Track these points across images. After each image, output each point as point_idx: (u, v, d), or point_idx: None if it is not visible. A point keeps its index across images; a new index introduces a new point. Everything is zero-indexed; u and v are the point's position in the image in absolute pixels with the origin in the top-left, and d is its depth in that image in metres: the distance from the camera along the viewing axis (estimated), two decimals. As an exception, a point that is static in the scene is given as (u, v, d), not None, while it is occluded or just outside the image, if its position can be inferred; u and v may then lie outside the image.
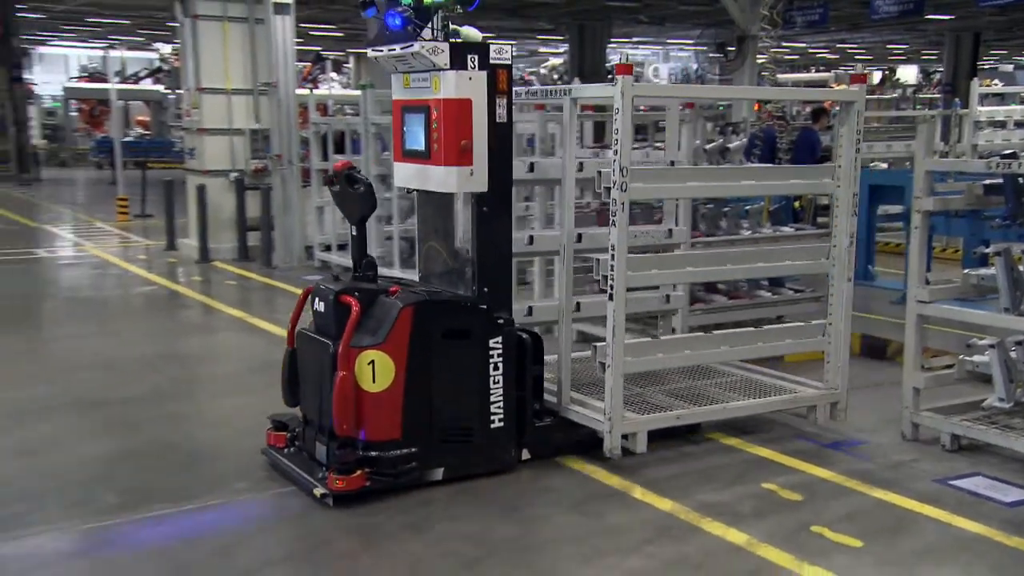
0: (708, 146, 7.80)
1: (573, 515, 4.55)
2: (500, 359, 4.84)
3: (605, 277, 4.91)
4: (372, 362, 4.54)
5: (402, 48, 4.79)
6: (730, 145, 7.89)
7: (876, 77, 33.52)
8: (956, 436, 5.41)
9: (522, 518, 4.56)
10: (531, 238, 5.75)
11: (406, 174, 5.20)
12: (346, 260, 10.71)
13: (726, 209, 7.51)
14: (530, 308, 5.80)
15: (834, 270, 5.64)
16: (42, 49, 43.04)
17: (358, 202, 5.06)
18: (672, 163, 6.33)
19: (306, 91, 14.49)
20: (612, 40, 32.62)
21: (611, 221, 4.84)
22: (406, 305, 4.63)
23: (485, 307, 4.85)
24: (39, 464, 5.15)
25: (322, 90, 23.71)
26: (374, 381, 4.56)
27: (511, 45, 4.91)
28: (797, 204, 10.83)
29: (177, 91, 27.79)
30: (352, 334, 4.55)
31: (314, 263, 11.61)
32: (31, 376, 6.90)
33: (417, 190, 5.23)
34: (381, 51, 4.97)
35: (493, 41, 4.88)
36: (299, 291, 5.48)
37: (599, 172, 5.12)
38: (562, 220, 5.42)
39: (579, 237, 5.46)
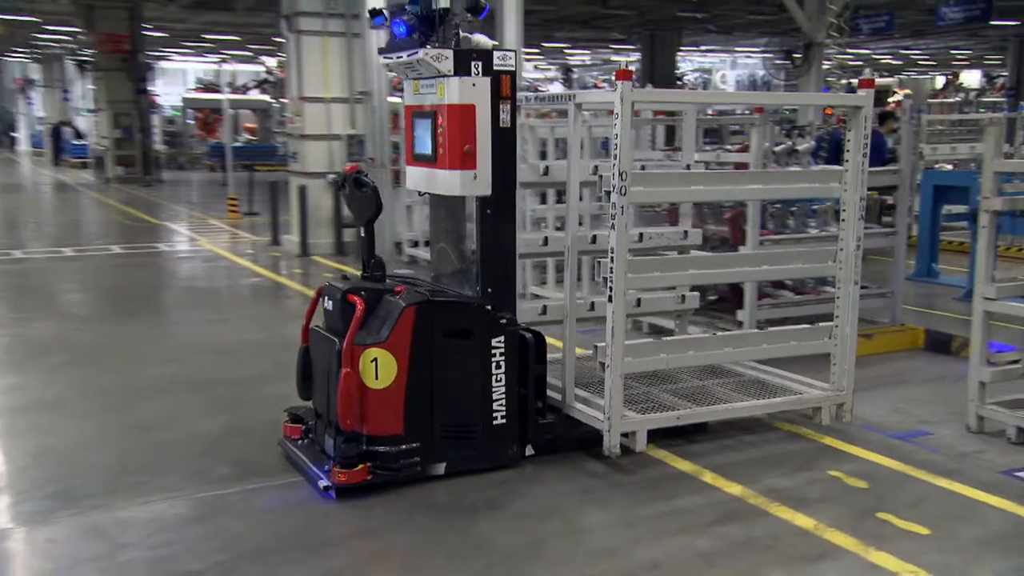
0: (777, 148, 7.59)
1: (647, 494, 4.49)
2: (502, 358, 4.68)
3: (606, 279, 4.72)
4: (375, 360, 4.44)
5: (408, 55, 4.67)
6: (799, 147, 7.66)
7: (940, 82, 32.28)
8: (1021, 429, 5.17)
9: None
10: (545, 239, 5.55)
11: (416, 177, 5.06)
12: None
13: (793, 208, 7.31)
14: (544, 307, 5.50)
15: (841, 273, 5.36)
16: (164, 64, 44.44)
17: (364, 204, 4.96)
18: (688, 167, 5.98)
19: (397, 99, 14.63)
20: (682, 48, 32.19)
21: (610, 224, 4.63)
22: (408, 305, 4.51)
23: (487, 307, 4.71)
24: (160, 437, 5.30)
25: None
26: (377, 378, 4.45)
27: (513, 51, 4.71)
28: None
29: (281, 100, 28.45)
30: (356, 332, 4.47)
31: (403, 258, 11.72)
32: (153, 358, 7.12)
33: (429, 193, 5.09)
34: (391, 58, 4.87)
35: (568, 49, 4.81)
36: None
37: (600, 176, 4.96)
38: (567, 223, 5.21)
39: (594, 239, 5.37)
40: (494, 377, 4.68)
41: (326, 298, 4.89)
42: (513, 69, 4.66)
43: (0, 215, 17.80)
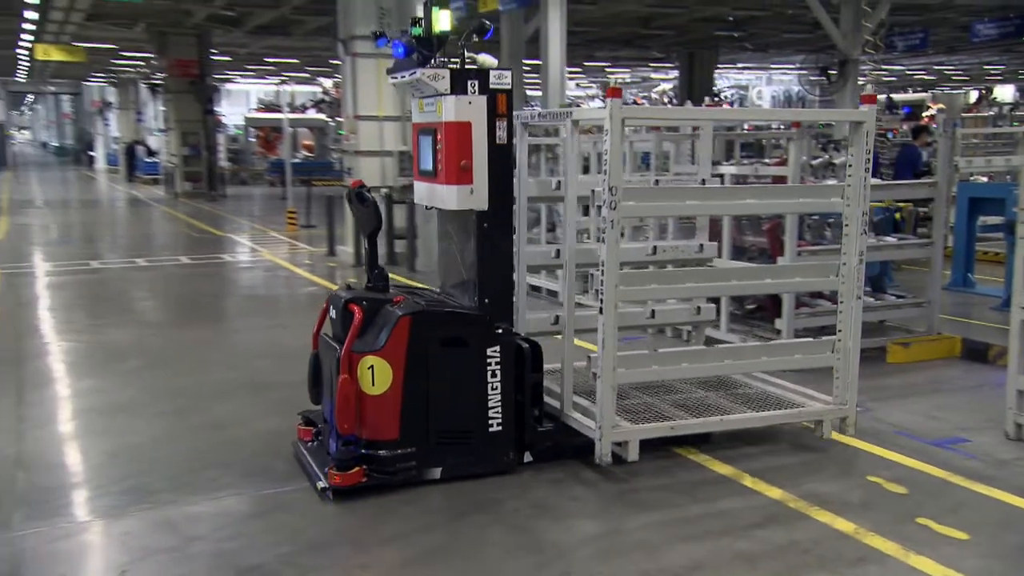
0: (815, 161, 7.49)
1: (686, 499, 4.44)
2: (498, 367, 4.59)
3: (598, 291, 4.58)
4: (372, 367, 4.41)
5: (408, 75, 4.65)
6: (835, 161, 7.54)
7: (973, 96, 31.55)
8: (1061, 437, 5.02)
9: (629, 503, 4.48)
10: (557, 251, 5.36)
11: (421, 192, 5.02)
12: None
13: (830, 220, 7.19)
14: (557, 317, 5.27)
15: (843, 287, 5.08)
16: (228, 86, 45.35)
17: (367, 219, 4.97)
18: (703, 181, 5.78)
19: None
20: (719, 66, 31.94)
21: (599, 238, 4.53)
22: (404, 315, 4.48)
23: (483, 317, 4.62)
24: (226, 436, 5.37)
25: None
26: (373, 384, 4.43)
27: (510, 71, 4.63)
28: (898, 215, 10.32)
29: (337, 119, 28.81)
30: (354, 340, 4.46)
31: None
32: (218, 362, 7.23)
33: (436, 207, 4.99)
34: (396, 78, 4.86)
35: (609, 68, 4.79)
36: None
37: (593, 191, 4.85)
38: (564, 237, 5.14)
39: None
40: (490, 385, 4.61)
41: (331, 307, 4.87)
42: (509, 88, 4.61)
43: (79, 228, 18.27)
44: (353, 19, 12.21)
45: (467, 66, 4.63)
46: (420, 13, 4.81)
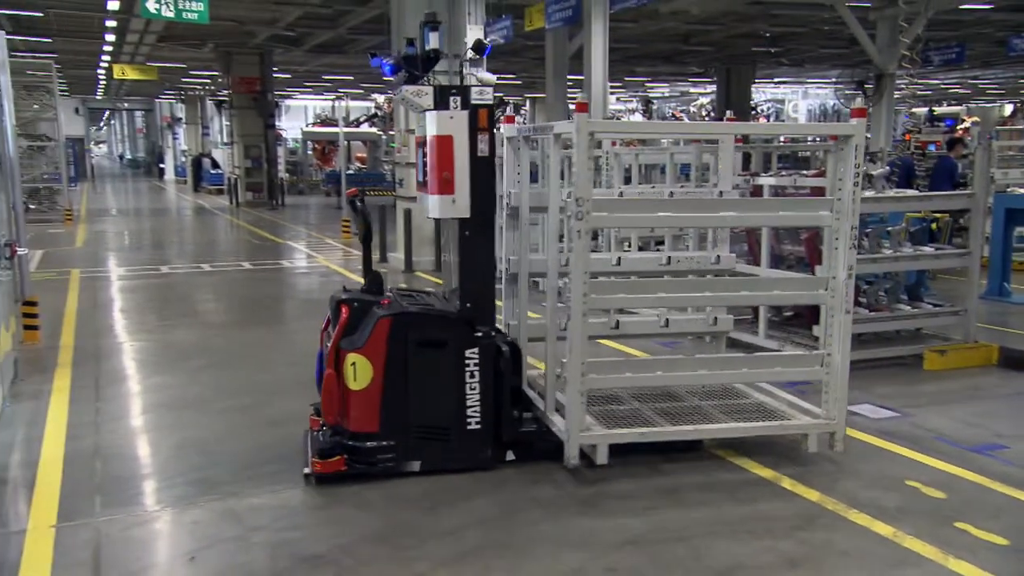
0: (852, 173, 7.32)
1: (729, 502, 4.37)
2: (476, 368, 4.64)
3: (566, 299, 4.54)
4: (354, 364, 4.53)
5: (396, 93, 4.67)
6: (873, 172, 7.39)
7: (1008, 109, 30.73)
8: (1101, 446, 4.84)
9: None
10: (567, 260, 5.19)
11: (419, 202, 5.06)
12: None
13: (868, 230, 7.04)
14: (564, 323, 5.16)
15: (833, 301, 4.82)
16: (288, 101, 46.13)
17: (360, 225, 5.09)
18: (720, 194, 5.45)
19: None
20: (756, 80, 31.57)
21: (568, 247, 4.47)
22: (383, 316, 4.58)
23: (461, 320, 4.67)
24: (286, 432, 5.41)
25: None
26: (355, 380, 4.54)
27: (491, 87, 4.66)
28: (934, 226, 10.09)
29: (389, 132, 29.11)
30: (340, 338, 4.59)
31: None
32: (278, 362, 7.33)
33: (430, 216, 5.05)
34: (391, 95, 4.93)
35: (649, 82, 4.78)
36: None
37: (565, 201, 4.78)
38: (547, 247, 5.09)
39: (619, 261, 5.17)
40: (468, 385, 4.65)
41: (330, 307, 4.97)
42: (490, 103, 4.66)
43: (149, 235, 18.69)
44: (405, 38, 12.33)
45: (465, 83, 4.69)
46: (467, 33, 4.92)
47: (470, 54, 4.93)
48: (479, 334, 4.68)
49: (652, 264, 5.40)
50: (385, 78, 4.95)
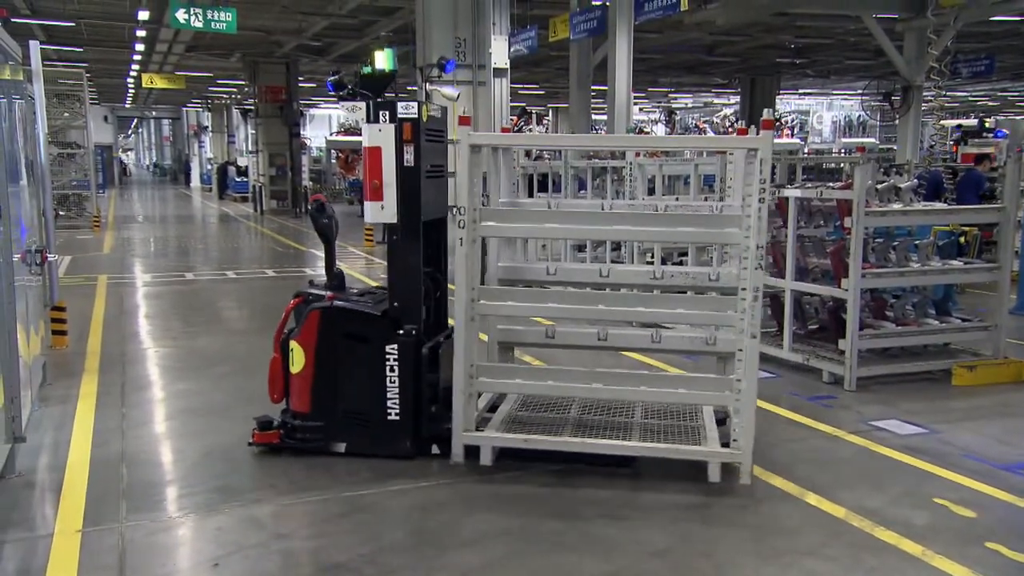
0: (880, 186, 7.27)
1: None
2: (395, 363, 4.90)
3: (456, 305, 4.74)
4: (292, 350, 5.03)
5: (338, 107, 4.95)
6: (901, 185, 7.32)
7: (991, 122, 30.36)
8: None
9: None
10: (547, 269, 5.42)
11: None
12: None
13: (895, 243, 6.98)
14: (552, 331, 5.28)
15: (741, 324, 4.54)
16: (313, 110, 46.53)
17: (328, 228, 5.43)
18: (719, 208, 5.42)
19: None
20: (781, 91, 31.44)
21: (458, 254, 4.69)
22: (314, 309, 5.01)
23: (383, 318, 4.95)
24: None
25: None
26: (294, 365, 5.03)
27: (417, 102, 4.91)
28: (962, 239, 9.97)
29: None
30: (283, 326, 5.15)
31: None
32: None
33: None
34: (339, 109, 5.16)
35: (672, 93, 4.78)
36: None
37: (455, 208, 4.93)
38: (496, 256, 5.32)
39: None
40: (388, 379, 4.92)
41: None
42: (415, 117, 4.87)
43: (175, 242, 18.91)
44: (431, 48, 12.41)
45: (429, 96, 4.93)
46: (492, 44, 5.17)
47: (436, 71, 5.24)
48: (400, 332, 4.93)
49: (644, 277, 5.27)
50: (330, 93, 5.35)
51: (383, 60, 5.15)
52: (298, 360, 5.05)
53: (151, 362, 7.64)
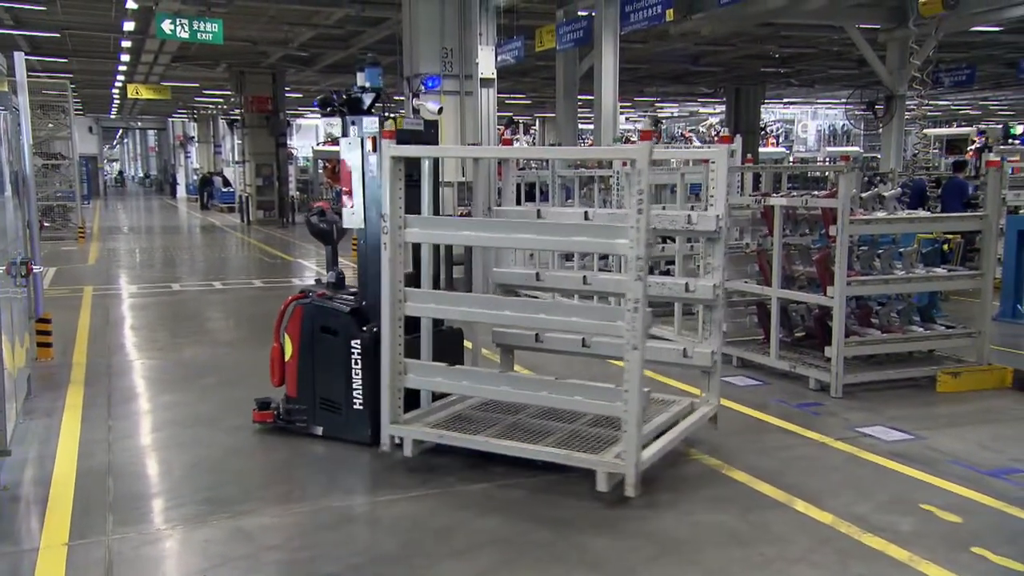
0: (864, 194, 7.34)
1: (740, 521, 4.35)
2: (360, 356, 5.29)
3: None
4: (285, 339, 5.58)
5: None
6: (885, 194, 7.39)
7: (1019, 130, 30.68)
8: (1118, 470, 4.78)
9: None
10: (536, 274, 5.46)
11: None
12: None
13: (880, 251, 7.04)
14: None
15: (628, 335, 4.40)
16: (299, 120, 46.47)
17: (328, 231, 5.92)
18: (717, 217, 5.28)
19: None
20: (765, 100, 31.68)
21: (383, 259, 4.96)
22: (298, 304, 5.55)
23: (351, 316, 5.35)
24: (299, 451, 5.42)
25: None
26: (286, 353, 5.59)
27: (378, 118, 5.32)
28: (946, 247, 10.07)
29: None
30: (283, 317, 5.61)
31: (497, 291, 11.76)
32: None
33: None
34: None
35: (658, 102, 4.80)
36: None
37: (382, 215, 5.15)
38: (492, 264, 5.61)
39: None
40: (353, 371, 5.32)
41: None
42: (375, 133, 5.27)
43: (161, 253, 18.82)
44: (417, 58, 12.44)
45: (415, 111, 5.19)
46: (479, 54, 5.45)
47: (421, 87, 5.57)
48: (364, 328, 5.29)
49: (619, 286, 5.09)
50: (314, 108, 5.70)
51: (361, 79, 5.64)
52: (288, 349, 5.60)
53: (137, 374, 7.60)
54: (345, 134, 5.39)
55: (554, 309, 4.94)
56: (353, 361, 5.30)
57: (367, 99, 5.59)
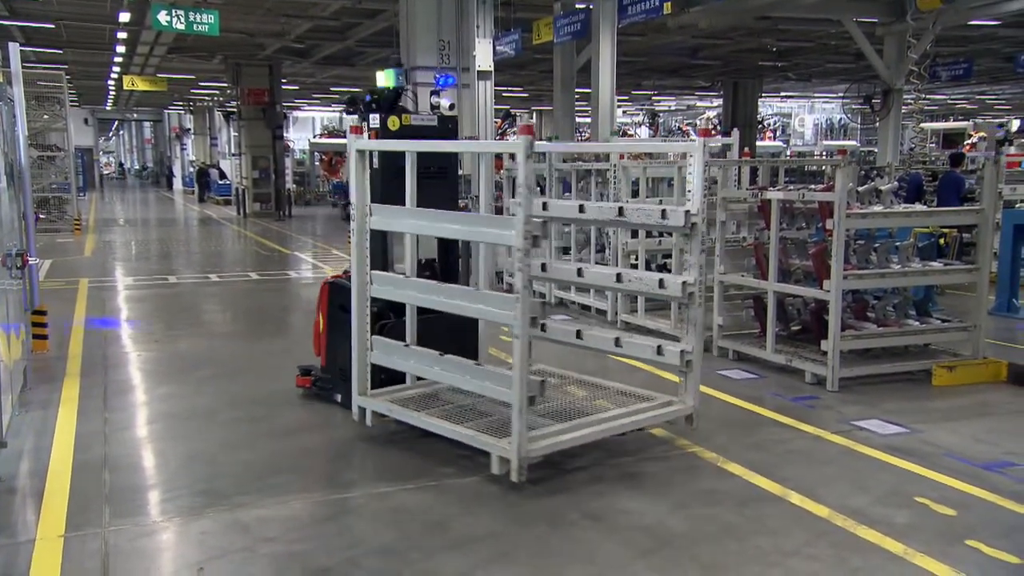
0: (861, 188, 7.34)
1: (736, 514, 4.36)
2: None
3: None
4: (319, 315, 6.24)
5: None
6: (881, 188, 7.39)
7: (1015, 125, 30.74)
8: (1112, 464, 4.80)
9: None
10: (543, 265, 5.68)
11: None
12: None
13: (876, 245, 7.05)
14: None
15: (513, 321, 4.46)
16: (296, 113, 46.34)
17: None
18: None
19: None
20: (763, 94, 31.66)
21: (352, 244, 5.30)
22: (324, 283, 6.20)
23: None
24: (295, 443, 5.44)
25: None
26: (320, 328, 6.23)
27: (380, 115, 5.81)
28: (942, 241, 10.09)
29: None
30: (324, 298, 6.18)
31: (503, 286, 11.78)
32: (287, 372, 7.30)
33: None
34: None
35: (655, 96, 4.82)
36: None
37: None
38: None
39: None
40: None
41: None
42: (377, 127, 5.80)
43: (157, 245, 18.77)
44: (414, 51, 12.41)
45: (419, 106, 5.79)
46: (476, 46, 5.64)
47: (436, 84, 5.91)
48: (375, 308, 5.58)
49: (608, 280, 5.52)
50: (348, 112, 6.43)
51: (384, 79, 6.33)
52: (321, 324, 6.22)
53: (133, 366, 7.58)
54: (355, 133, 5.56)
55: (451, 293, 5.05)
56: None
57: (389, 97, 6.14)
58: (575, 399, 5.56)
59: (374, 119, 5.79)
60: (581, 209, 5.46)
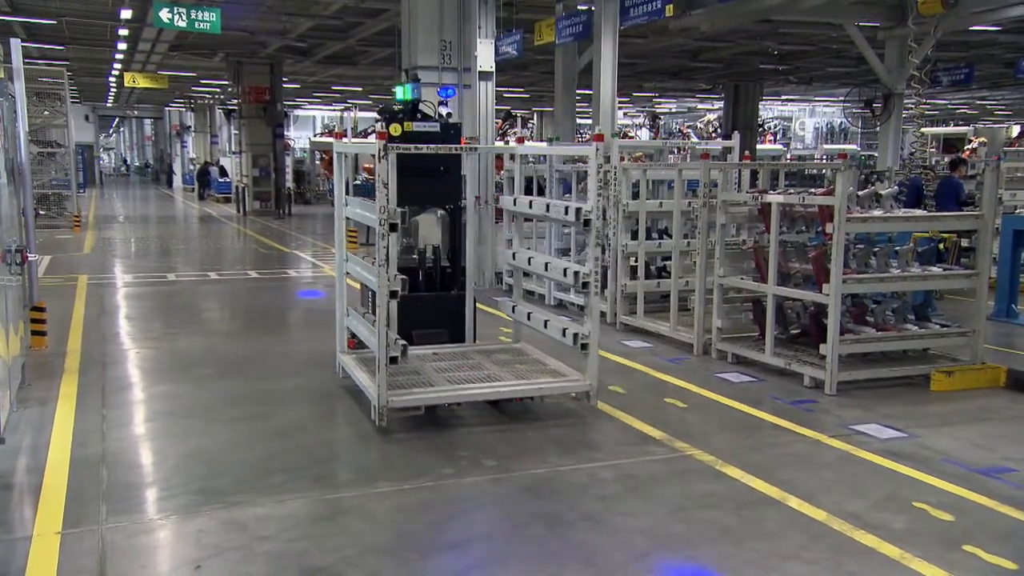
0: (861, 192, 7.34)
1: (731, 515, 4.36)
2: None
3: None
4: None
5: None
6: (882, 192, 7.39)
7: (1016, 130, 30.73)
8: (1110, 470, 4.81)
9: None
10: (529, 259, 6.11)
11: None
12: (529, 284, 10.82)
13: (876, 249, 7.05)
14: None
15: (378, 289, 5.59)
16: (297, 111, 46.31)
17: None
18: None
19: (499, 144, 14.83)
20: (763, 97, 31.67)
21: (336, 228, 6.45)
22: None
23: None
24: (292, 443, 5.44)
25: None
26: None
27: (384, 121, 6.77)
28: (941, 246, 10.10)
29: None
30: None
31: (502, 286, 11.79)
32: (284, 371, 7.34)
33: None
34: None
35: (656, 98, 4.85)
36: (489, 308, 5.66)
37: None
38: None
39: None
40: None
41: None
42: (385, 130, 6.24)
43: (156, 243, 18.76)
44: (416, 51, 12.39)
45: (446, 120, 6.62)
46: (478, 47, 6.19)
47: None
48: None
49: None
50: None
51: (400, 93, 7.15)
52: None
53: (132, 363, 7.58)
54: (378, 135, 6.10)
55: (355, 264, 6.54)
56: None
57: (409, 108, 6.74)
58: (492, 371, 6.25)
59: (381, 125, 6.57)
60: (530, 205, 6.61)
